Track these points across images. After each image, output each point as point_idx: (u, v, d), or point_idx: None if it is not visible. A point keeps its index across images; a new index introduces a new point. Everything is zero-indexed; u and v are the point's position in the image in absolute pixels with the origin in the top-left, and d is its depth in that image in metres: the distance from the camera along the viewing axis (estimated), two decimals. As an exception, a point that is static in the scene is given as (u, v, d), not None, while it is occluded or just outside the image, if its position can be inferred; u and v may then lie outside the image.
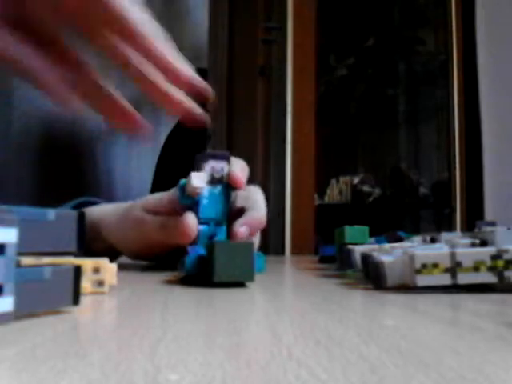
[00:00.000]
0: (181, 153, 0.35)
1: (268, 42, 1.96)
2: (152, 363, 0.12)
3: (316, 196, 2.07)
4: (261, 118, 1.96)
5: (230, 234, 0.39)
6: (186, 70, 0.37)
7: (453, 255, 0.27)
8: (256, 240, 0.43)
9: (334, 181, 2.26)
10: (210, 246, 0.30)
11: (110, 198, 0.61)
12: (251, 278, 0.29)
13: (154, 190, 0.64)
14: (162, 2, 0.67)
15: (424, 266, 0.27)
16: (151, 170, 0.68)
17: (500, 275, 0.27)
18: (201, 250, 0.34)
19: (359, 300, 0.25)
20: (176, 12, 0.70)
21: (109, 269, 0.26)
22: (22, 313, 0.17)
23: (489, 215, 1.84)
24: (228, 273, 0.28)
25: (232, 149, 1.71)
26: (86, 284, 0.25)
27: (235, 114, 1.96)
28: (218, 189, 0.39)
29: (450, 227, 2.04)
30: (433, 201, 2.24)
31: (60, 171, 0.55)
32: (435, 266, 0.27)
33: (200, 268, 0.31)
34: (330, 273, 0.42)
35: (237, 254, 0.29)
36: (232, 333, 0.16)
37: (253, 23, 2.00)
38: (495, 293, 0.27)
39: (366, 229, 0.42)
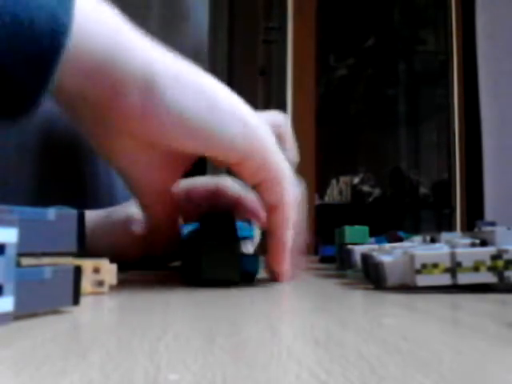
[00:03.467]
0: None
1: (268, 42, 1.96)
2: (152, 363, 0.12)
3: (316, 196, 2.07)
4: (261, 118, 1.96)
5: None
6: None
7: (453, 255, 0.27)
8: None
9: (334, 181, 2.26)
10: (197, 245, 0.30)
11: (111, 199, 0.60)
12: (237, 277, 0.30)
13: None
14: (162, 1, 0.67)
15: (424, 266, 0.27)
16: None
17: (500, 275, 0.27)
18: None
19: (359, 300, 0.25)
20: (176, 12, 0.70)
21: (109, 269, 0.26)
22: (22, 313, 0.17)
23: (489, 215, 1.84)
24: (214, 270, 0.29)
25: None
26: (86, 284, 0.25)
27: (235, 113, 1.96)
28: None
29: (450, 227, 2.04)
30: (433, 201, 2.24)
31: (60, 171, 0.55)
32: (435, 266, 0.27)
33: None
34: (330, 273, 0.42)
35: (223, 252, 0.30)
36: (232, 333, 0.16)
37: (253, 23, 2.00)
38: (495, 293, 0.27)
39: (366, 229, 0.42)
